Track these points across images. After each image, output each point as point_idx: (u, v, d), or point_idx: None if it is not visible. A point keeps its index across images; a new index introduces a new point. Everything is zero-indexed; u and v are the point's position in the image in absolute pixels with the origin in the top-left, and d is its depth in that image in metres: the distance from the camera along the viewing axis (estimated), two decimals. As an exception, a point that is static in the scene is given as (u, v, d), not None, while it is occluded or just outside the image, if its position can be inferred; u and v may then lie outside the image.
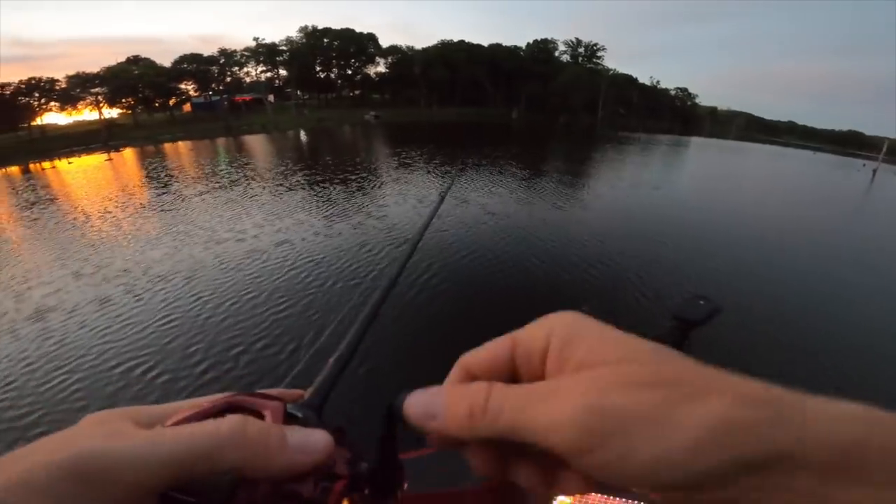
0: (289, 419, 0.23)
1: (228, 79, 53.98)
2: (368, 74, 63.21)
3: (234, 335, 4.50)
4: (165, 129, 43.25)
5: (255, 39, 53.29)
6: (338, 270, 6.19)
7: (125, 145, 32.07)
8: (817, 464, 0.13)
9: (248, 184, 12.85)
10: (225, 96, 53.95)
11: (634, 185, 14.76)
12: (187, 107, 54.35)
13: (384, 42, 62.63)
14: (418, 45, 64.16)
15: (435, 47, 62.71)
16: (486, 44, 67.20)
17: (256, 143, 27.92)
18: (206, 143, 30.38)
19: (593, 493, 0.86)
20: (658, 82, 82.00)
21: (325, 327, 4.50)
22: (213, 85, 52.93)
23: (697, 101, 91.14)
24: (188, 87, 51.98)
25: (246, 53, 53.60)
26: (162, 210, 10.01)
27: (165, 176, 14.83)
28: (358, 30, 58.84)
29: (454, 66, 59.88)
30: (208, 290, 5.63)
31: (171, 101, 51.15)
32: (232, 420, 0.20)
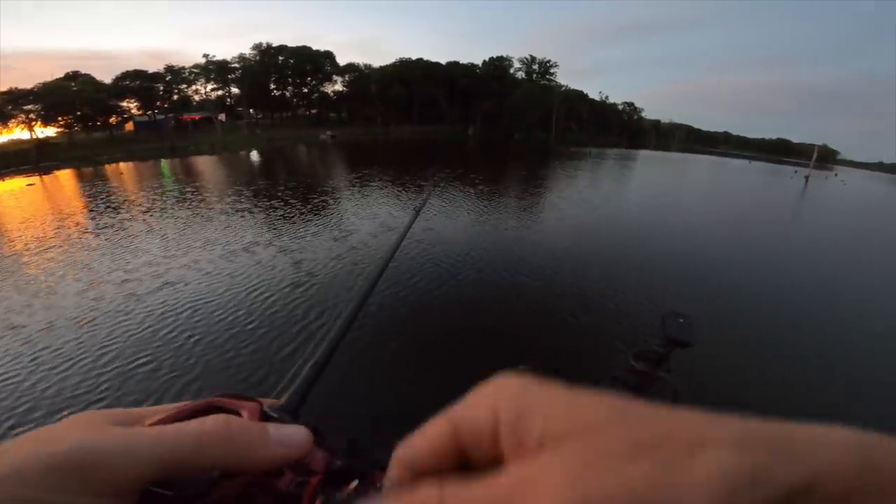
0: (265, 419, 0.24)
1: (175, 97, 51.87)
2: (326, 93, 62.80)
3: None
4: (104, 149, 40.84)
5: (205, 56, 51.71)
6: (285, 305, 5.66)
7: (57, 167, 30.05)
8: (829, 497, 0.12)
9: (193, 207, 12.18)
10: (171, 115, 51.75)
11: (587, 201, 15.30)
12: (129, 125, 51.63)
13: (344, 60, 62.72)
14: (379, 64, 64.71)
15: (392, 65, 63.46)
16: (443, 62, 68.95)
17: (205, 165, 26.73)
18: (149, 164, 29.02)
19: None
20: (606, 97, 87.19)
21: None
22: (159, 103, 50.67)
23: (643, 114, 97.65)
24: (131, 105, 49.48)
25: (195, 70, 51.85)
26: (78, 247, 8.72)
27: (103, 202, 13.69)
28: (319, 48, 58.76)
29: (411, 84, 60.77)
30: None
31: (112, 120, 48.41)
32: (216, 418, 0.21)
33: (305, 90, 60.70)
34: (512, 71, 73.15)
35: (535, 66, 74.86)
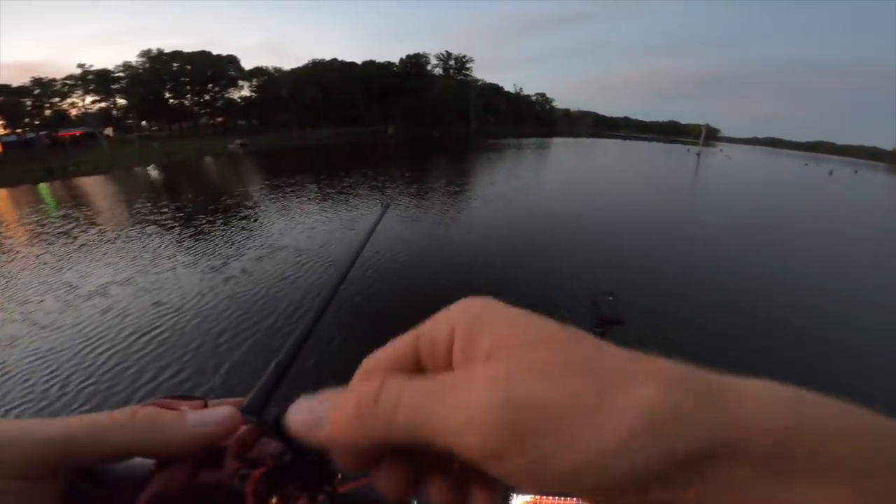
0: None
1: (48, 112, 45.59)
2: (232, 99, 58.94)
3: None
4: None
5: (80, 66, 45.99)
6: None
7: None
8: (752, 454, 0.12)
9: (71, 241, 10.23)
10: (43, 133, 45.43)
11: (509, 190, 15.69)
12: (-4, 146, 44.36)
13: (253, 64, 59.22)
14: (291, 66, 62.08)
15: (305, 67, 61.44)
16: (359, 61, 68.22)
17: (93, 186, 23.45)
18: (24, 189, 25.21)
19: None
20: (521, 90, 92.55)
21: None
22: (28, 119, 44.20)
23: (554, 104, 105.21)
24: (-7, 123, 42.57)
25: (68, 82, 45.94)
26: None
27: None
28: (222, 52, 54.86)
29: (327, 85, 59.44)
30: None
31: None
32: (125, 408, 0.21)
33: (207, 98, 56.50)
34: (429, 68, 74.50)
35: (452, 62, 77.01)
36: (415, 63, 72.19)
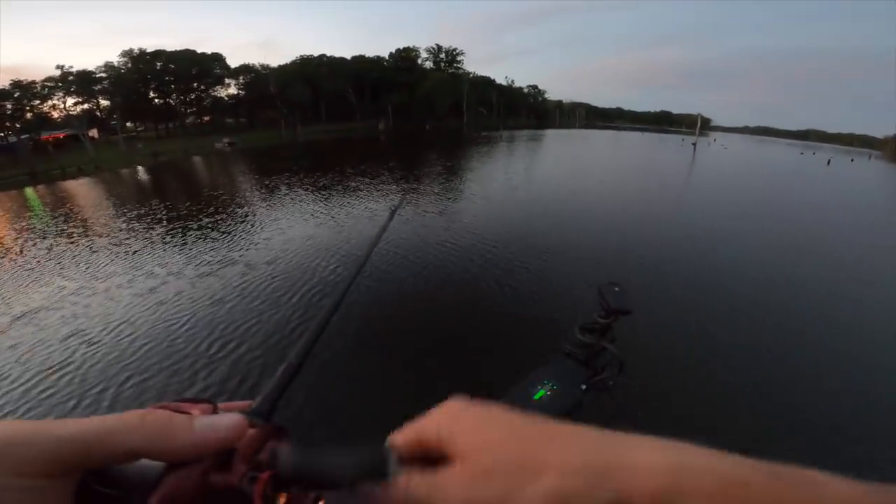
0: None
1: (29, 115, 44.35)
2: (219, 98, 57.78)
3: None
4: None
5: (59, 67, 44.72)
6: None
7: None
8: None
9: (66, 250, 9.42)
10: (25, 136, 44.22)
11: (504, 184, 15.39)
12: (-25, 152, 43.12)
13: (241, 62, 57.96)
14: (280, 63, 60.95)
15: (293, 63, 60.36)
16: (349, 56, 67.12)
17: (81, 190, 22.72)
18: (12, 194, 24.31)
19: None
20: (513, 82, 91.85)
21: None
22: (8, 123, 42.98)
23: (547, 96, 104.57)
24: (-29, 128, 41.35)
25: (48, 84, 44.69)
26: None
27: None
28: (208, 51, 53.67)
29: (316, 81, 58.41)
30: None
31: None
32: (136, 410, 0.22)
33: (193, 97, 55.32)
34: (420, 61, 73.55)
35: (443, 56, 76.11)
36: (405, 57, 71.18)
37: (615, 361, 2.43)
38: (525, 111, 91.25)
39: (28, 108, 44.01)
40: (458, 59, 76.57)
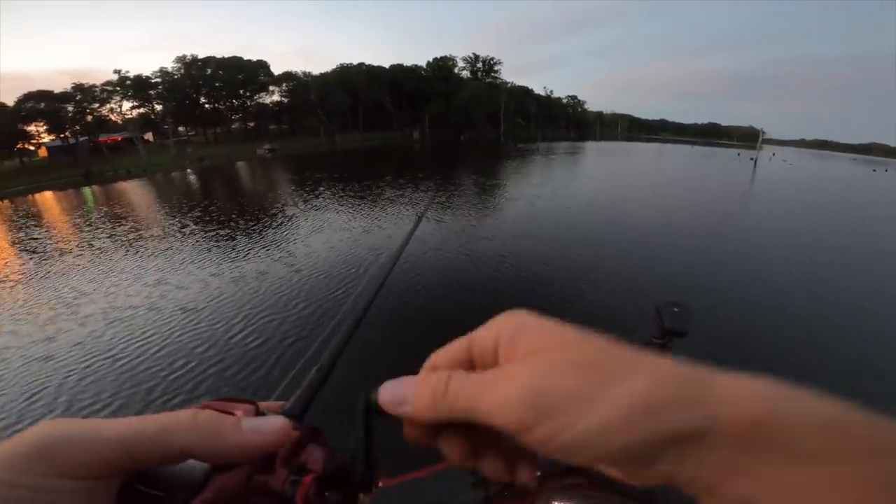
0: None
1: (89, 117, 46.97)
2: (264, 104, 59.45)
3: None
4: (11, 180, 36.07)
5: (117, 72, 47.16)
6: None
7: None
8: (730, 439, 0.15)
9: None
10: (86, 138, 46.85)
11: (550, 198, 14.66)
12: (43, 152, 46.15)
13: (285, 69, 59.56)
14: (321, 70, 62.11)
15: (333, 72, 61.26)
16: (387, 65, 67.53)
17: (135, 191, 23.37)
18: (69, 193, 25.29)
19: None
20: (551, 92, 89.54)
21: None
22: (69, 125, 45.65)
23: (586, 107, 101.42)
24: (39, 128, 44.21)
25: (107, 88, 47.20)
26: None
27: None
28: (254, 58, 55.47)
29: (355, 90, 58.90)
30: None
31: (21, 146, 43.07)
32: (185, 410, 0.22)
33: (238, 103, 57.15)
34: (456, 70, 73.11)
35: (480, 65, 75.32)
36: (442, 66, 70.92)
37: None
38: (564, 122, 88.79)
39: (88, 111, 46.66)
40: (496, 68, 75.59)
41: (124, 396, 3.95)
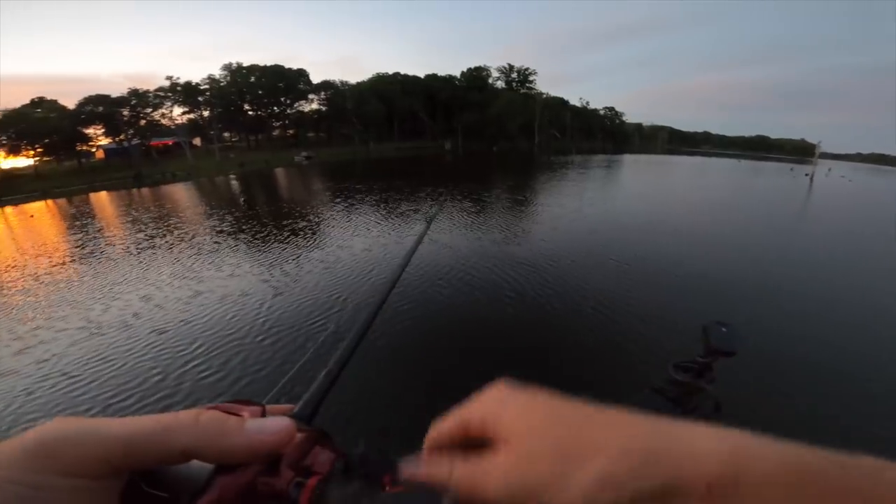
0: None
1: (143, 121, 49.71)
2: (303, 112, 61.16)
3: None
4: (68, 179, 38.55)
5: (168, 78, 49.72)
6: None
7: (13, 202, 27.91)
8: (695, 497, 0.16)
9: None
10: (138, 141, 49.56)
11: (596, 213, 14.04)
12: (100, 153, 49.25)
13: (324, 78, 61.26)
14: (358, 80, 63.39)
15: (369, 81, 62.26)
16: (422, 75, 68.02)
17: (181, 194, 24.57)
18: (121, 193, 26.76)
19: None
20: (587, 103, 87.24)
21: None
22: (124, 128, 48.46)
23: (624, 118, 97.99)
24: (98, 131, 47.21)
25: (160, 94, 49.83)
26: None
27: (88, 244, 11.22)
28: (295, 66, 57.39)
29: (389, 99, 59.51)
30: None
31: (81, 148, 46.14)
32: (188, 410, 0.22)
33: (278, 110, 59.06)
34: (491, 81, 72.62)
35: (514, 75, 74.57)
36: (476, 76, 70.63)
37: (711, 402, 2.41)
38: (601, 134, 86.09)
39: (142, 115, 49.41)
40: (531, 78, 74.56)
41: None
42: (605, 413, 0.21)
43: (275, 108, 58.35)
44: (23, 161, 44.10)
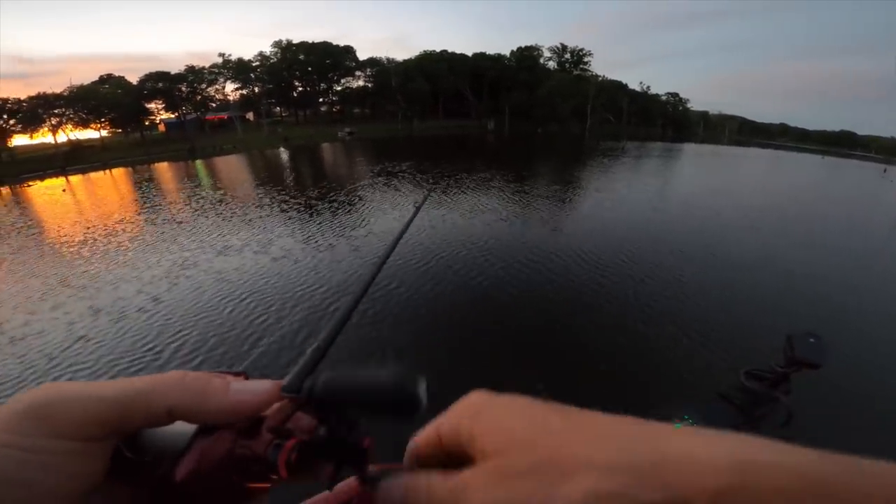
0: None
1: (199, 97, 51.71)
2: (350, 88, 60.98)
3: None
4: (130, 151, 40.92)
5: (221, 55, 51.07)
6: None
7: (83, 170, 29.96)
8: None
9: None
10: (194, 116, 51.68)
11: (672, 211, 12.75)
12: (162, 127, 52.10)
13: (376, 56, 60.66)
14: (406, 57, 62.08)
15: (415, 59, 60.71)
16: (469, 53, 65.43)
17: (233, 164, 25.92)
18: (180, 165, 28.06)
19: None
20: (648, 88, 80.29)
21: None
22: (182, 103, 50.70)
23: (689, 105, 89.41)
24: (158, 106, 49.82)
25: (214, 71, 51.40)
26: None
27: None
28: (345, 44, 57.10)
29: (435, 77, 57.72)
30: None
31: (144, 122, 49.01)
32: (175, 371, 0.23)
33: (323, 86, 59.32)
34: (542, 61, 68.58)
35: (567, 56, 69.94)
36: (527, 56, 66.87)
37: (782, 412, 2.29)
38: (661, 121, 79.11)
39: (198, 91, 51.32)
40: (585, 59, 69.54)
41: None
42: (592, 419, 0.19)
43: (322, 84, 58.62)
44: (91, 133, 47.51)
